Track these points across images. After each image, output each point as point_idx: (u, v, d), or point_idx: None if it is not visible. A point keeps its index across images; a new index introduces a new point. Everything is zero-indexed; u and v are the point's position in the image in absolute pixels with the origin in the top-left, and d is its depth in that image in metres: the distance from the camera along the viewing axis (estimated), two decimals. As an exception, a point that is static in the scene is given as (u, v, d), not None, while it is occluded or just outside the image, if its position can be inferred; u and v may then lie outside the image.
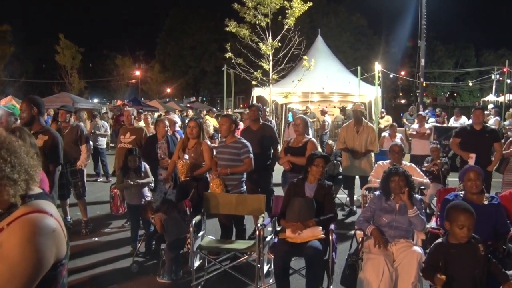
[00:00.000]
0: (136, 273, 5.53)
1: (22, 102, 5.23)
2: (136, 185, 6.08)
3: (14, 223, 1.61)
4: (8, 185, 1.65)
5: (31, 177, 1.75)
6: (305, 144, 6.39)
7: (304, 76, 16.31)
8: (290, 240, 4.68)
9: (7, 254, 1.54)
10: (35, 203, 1.72)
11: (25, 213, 1.64)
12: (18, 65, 39.31)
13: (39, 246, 1.58)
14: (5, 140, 1.72)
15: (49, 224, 1.66)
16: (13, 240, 1.56)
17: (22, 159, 1.73)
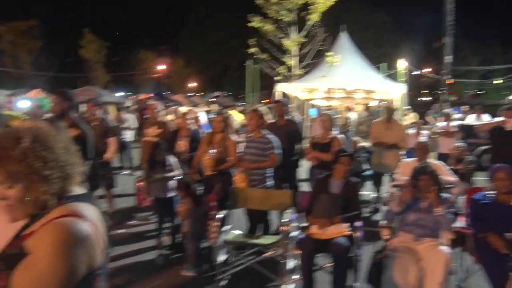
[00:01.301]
0: (161, 265, 5.60)
1: (54, 96, 5.26)
2: (162, 178, 6.13)
3: (45, 226, 1.50)
4: (38, 182, 1.53)
5: (69, 176, 1.62)
6: (331, 140, 6.38)
7: (328, 72, 16.20)
8: (316, 237, 4.68)
9: (36, 263, 1.44)
10: (71, 205, 1.59)
11: (58, 216, 1.52)
12: (45, 59, 39.93)
13: (70, 255, 1.45)
14: (41, 133, 1.60)
15: (82, 230, 1.51)
16: (42, 246, 1.45)
17: (58, 155, 1.59)
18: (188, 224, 5.33)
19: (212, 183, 5.90)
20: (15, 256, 1.47)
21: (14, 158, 1.49)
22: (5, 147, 1.51)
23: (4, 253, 1.52)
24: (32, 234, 1.50)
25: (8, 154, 1.49)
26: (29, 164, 1.51)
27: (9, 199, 1.53)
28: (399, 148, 8.15)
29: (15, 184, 1.52)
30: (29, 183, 1.52)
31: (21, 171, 1.50)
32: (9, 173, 1.50)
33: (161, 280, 5.20)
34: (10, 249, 1.52)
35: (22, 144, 1.51)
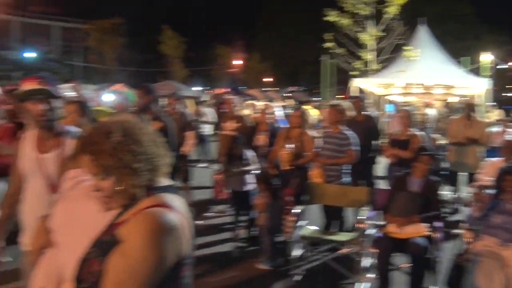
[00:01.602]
0: (236, 258, 5.71)
1: (138, 90, 5.48)
2: (239, 172, 6.25)
3: (137, 216, 1.57)
4: (128, 174, 1.59)
5: (157, 167, 1.66)
6: (410, 137, 6.22)
7: (406, 67, 15.73)
8: (393, 236, 4.59)
9: (128, 251, 1.50)
10: (160, 196, 1.65)
11: (148, 206, 1.58)
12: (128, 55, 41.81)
13: (160, 244, 1.51)
14: (130, 127, 1.65)
15: (171, 220, 1.56)
16: (134, 235, 1.51)
17: (147, 148, 1.64)
18: (265, 217, 5.39)
19: (289, 178, 5.93)
20: (108, 243, 1.57)
21: (105, 152, 1.56)
22: (97, 142, 1.58)
23: (99, 240, 1.62)
24: (124, 223, 1.58)
25: (100, 148, 1.57)
26: (119, 158, 1.57)
27: (103, 190, 1.62)
28: (479, 145, 7.77)
29: (108, 176, 1.60)
30: (120, 176, 1.59)
31: (112, 164, 1.57)
32: (102, 165, 1.57)
33: (236, 272, 5.31)
34: (104, 236, 1.62)
35: (112, 138, 1.58)
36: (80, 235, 1.69)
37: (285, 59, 50.81)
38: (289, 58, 50.58)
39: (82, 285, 1.60)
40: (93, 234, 1.65)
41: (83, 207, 1.77)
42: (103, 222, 1.66)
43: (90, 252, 1.61)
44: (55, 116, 2.87)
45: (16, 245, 3.00)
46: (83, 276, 1.60)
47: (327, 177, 5.76)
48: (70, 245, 1.74)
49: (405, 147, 6.09)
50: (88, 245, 1.63)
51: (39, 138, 2.89)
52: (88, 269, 1.58)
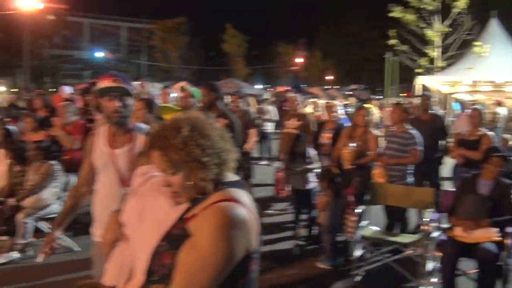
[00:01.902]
0: (297, 256, 5.70)
1: (203, 87, 5.57)
2: (302, 170, 6.23)
3: (207, 210, 1.60)
4: (198, 168, 1.62)
5: (224, 162, 1.69)
6: (479, 137, 5.96)
7: (474, 64, 15.04)
8: (459, 239, 4.42)
9: (199, 244, 1.54)
10: (229, 190, 1.66)
11: (218, 201, 1.61)
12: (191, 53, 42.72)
13: (230, 237, 1.54)
14: (199, 122, 1.68)
15: (240, 214, 1.59)
16: (205, 229, 1.55)
17: (215, 142, 1.66)
18: (326, 216, 5.35)
19: (351, 177, 5.86)
20: (178, 237, 1.61)
21: (175, 147, 1.60)
22: (167, 137, 1.62)
23: (169, 234, 1.67)
24: (194, 217, 1.62)
25: (170, 143, 1.61)
26: (189, 152, 1.60)
27: (172, 185, 1.66)
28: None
29: (177, 171, 1.63)
30: (189, 170, 1.62)
31: (182, 159, 1.61)
32: (173, 160, 1.61)
33: (296, 270, 5.29)
34: (174, 230, 1.66)
35: (182, 133, 1.61)
36: (150, 230, 1.74)
37: (347, 56, 50.11)
38: (351, 56, 49.84)
39: (153, 277, 1.65)
40: (163, 228, 1.69)
41: (153, 202, 1.80)
42: (173, 217, 1.70)
43: (161, 245, 1.66)
44: (128, 113, 2.98)
45: (87, 235, 3.15)
46: (154, 269, 1.65)
47: (390, 177, 5.63)
48: (141, 239, 1.79)
49: (474, 148, 5.84)
50: (158, 239, 1.67)
51: (112, 134, 3.01)
52: (159, 262, 1.64)
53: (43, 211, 5.53)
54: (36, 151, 5.68)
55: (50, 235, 2.97)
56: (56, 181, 5.67)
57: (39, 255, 2.87)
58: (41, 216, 5.56)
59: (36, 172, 5.62)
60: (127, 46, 54.27)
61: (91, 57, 46.20)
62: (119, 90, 2.89)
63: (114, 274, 1.89)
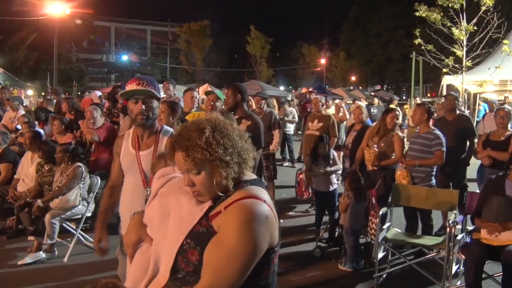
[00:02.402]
0: (318, 258, 5.67)
1: (228, 89, 5.60)
2: (324, 172, 6.21)
3: (230, 207, 1.67)
4: (220, 167, 1.69)
5: (244, 161, 1.77)
6: (508, 138, 5.83)
7: (502, 63, 14.72)
8: (485, 242, 4.34)
9: (225, 239, 1.61)
10: (250, 188, 1.74)
11: (240, 198, 1.68)
12: (214, 55, 42.96)
13: (254, 232, 1.61)
14: (220, 123, 1.77)
15: (263, 210, 1.67)
16: (230, 225, 1.62)
17: (235, 142, 1.75)
18: (348, 218, 5.32)
19: (374, 179, 5.81)
20: (203, 234, 1.69)
21: (200, 147, 1.68)
22: (191, 137, 1.70)
23: (194, 231, 1.73)
24: (218, 215, 1.70)
25: (195, 143, 1.69)
26: (212, 151, 1.68)
27: (196, 185, 1.74)
28: None
29: (201, 171, 1.71)
30: (212, 169, 1.70)
31: (206, 158, 1.68)
32: (196, 160, 1.69)
33: (318, 272, 5.26)
34: (199, 228, 1.73)
35: (205, 134, 1.70)
36: (174, 229, 1.79)
37: (371, 57, 49.68)
38: (376, 56, 49.39)
39: (178, 275, 1.73)
40: (187, 226, 1.75)
41: (176, 201, 1.86)
42: (197, 215, 1.76)
43: (186, 243, 1.72)
44: (153, 115, 3.07)
45: (112, 235, 3.21)
46: (180, 267, 1.73)
47: (414, 178, 5.56)
48: (165, 238, 1.83)
49: (503, 149, 5.71)
50: (183, 237, 1.74)
51: (137, 136, 3.12)
52: (185, 259, 1.72)
53: (69, 212, 5.65)
54: (63, 153, 5.81)
55: (97, 236, 3.13)
56: (82, 182, 5.78)
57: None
58: (67, 217, 5.68)
59: (63, 174, 5.74)
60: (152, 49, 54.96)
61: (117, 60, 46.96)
62: (144, 93, 2.98)
63: (137, 276, 1.91)
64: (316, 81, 46.83)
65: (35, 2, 26.09)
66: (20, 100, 11.10)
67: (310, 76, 50.78)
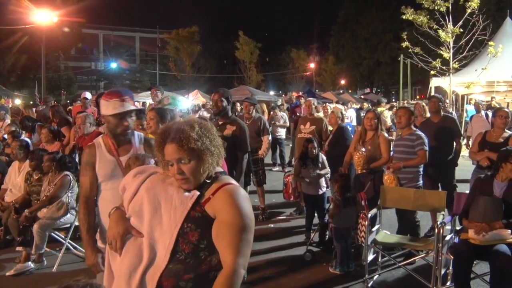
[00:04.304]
0: (309, 261, 5.66)
1: (214, 94, 5.59)
2: (314, 176, 6.21)
3: (219, 193, 2.01)
4: (208, 155, 2.02)
5: (220, 153, 2.11)
6: (506, 140, 5.78)
7: (489, 64, 14.88)
8: (473, 242, 4.37)
9: (226, 219, 1.94)
10: (225, 177, 2.13)
11: (224, 185, 2.04)
12: (204, 61, 42.93)
13: (247, 208, 2.00)
14: (203, 122, 2.11)
15: (243, 192, 2.06)
16: (227, 207, 1.96)
17: (215, 137, 2.10)
18: (338, 221, 5.34)
19: (363, 181, 5.83)
20: (200, 218, 2.00)
21: (193, 138, 2.00)
22: (185, 131, 2.01)
23: (191, 216, 2.00)
24: (209, 200, 2.01)
25: (188, 135, 2.00)
26: (202, 142, 2.01)
27: (185, 173, 2.00)
28: None
29: (192, 160, 2.00)
30: (201, 157, 2.01)
31: (198, 148, 2.00)
32: (189, 150, 1.98)
33: (309, 275, 5.26)
34: (194, 213, 2.00)
35: (195, 128, 2.03)
36: (168, 216, 2.01)
37: (360, 60, 49.96)
38: (365, 60, 49.68)
39: (178, 256, 1.98)
40: (180, 213, 2.00)
41: (164, 192, 2.07)
42: (188, 202, 2.02)
43: (187, 227, 1.99)
44: (130, 128, 3.20)
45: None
46: (181, 248, 1.98)
47: (401, 179, 5.59)
48: (160, 226, 2.03)
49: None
50: (181, 222, 1.99)
51: (113, 143, 3.18)
52: (187, 241, 1.98)
53: (57, 222, 5.61)
54: (50, 161, 5.77)
55: (92, 252, 3.02)
56: (71, 191, 5.75)
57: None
58: (56, 227, 5.64)
59: (51, 183, 5.71)
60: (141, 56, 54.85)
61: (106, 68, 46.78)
62: (133, 111, 3.12)
63: (133, 263, 2.01)
64: (305, 86, 46.96)
65: (22, 11, 25.98)
66: (6, 109, 11.02)
67: (299, 80, 50.92)
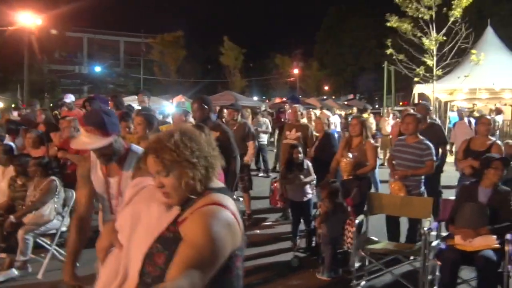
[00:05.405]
0: (296, 267, 5.67)
1: (193, 102, 5.61)
2: (299, 182, 6.23)
3: (196, 213, 1.79)
4: (187, 168, 1.81)
5: (211, 165, 1.89)
6: (489, 146, 5.84)
7: (471, 71, 15.14)
8: (459, 248, 4.42)
9: (193, 240, 1.71)
10: (215, 195, 1.87)
11: (205, 205, 1.81)
12: (188, 67, 42.90)
13: (218, 234, 1.72)
14: (188, 130, 1.93)
15: (225, 216, 1.79)
16: (195, 228, 1.73)
17: (202, 146, 1.87)
18: (325, 227, 5.36)
19: (349, 188, 5.87)
20: (171, 239, 1.80)
21: (169, 148, 1.80)
22: (161, 140, 1.83)
23: (162, 236, 1.83)
24: (185, 221, 1.80)
25: (164, 145, 1.81)
26: (180, 153, 1.80)
27: (165, 187, 1.83)
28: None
29: (170, 173, 1.81)
30: (181, 170, 1.81)
31: (174, 159, 1.80)
32: (165, 161, 1.80)
33: (296, 282, 5.27)
34: (167, 233, 1.83)
35: (173, 137, 1.83)
36: (144, 234, 1.88)
37: (344, 66, 50.35)
38: (349, 66, 50.09)
39: (146, 278, 1.82)
40: (156, 232, 1.84)
41: (146, 208, 1.94)
42: (165, 221, 1.85)
43: (154, 247, 1.82)
44: (115, 151, 2.83)
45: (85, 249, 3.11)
46: (147, 270, 1.82)
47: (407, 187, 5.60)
48: (134, 243, 1.92)
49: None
50: (152, 241, 1.83)
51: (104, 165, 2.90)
52: (153, 263, 1.81)
53: (43, 227, 5.52)
54: (36, 166, 5.69)
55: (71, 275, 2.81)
56: (57, 196, 5.68)
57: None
58: (42, 233, 5.55)
59: (37, 188, 5.63)
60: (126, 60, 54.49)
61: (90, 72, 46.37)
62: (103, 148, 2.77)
63: (108, 279, 1.96)
64: (289, 91, 47.11)
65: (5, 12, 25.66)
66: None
67: (283, 86, 51.11)
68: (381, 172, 9.09)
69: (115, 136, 2.81)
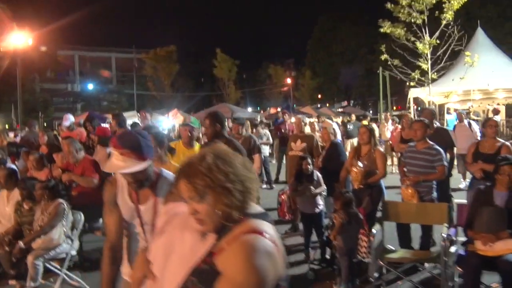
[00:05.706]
0: (312, 280, 5.59)
1: (206, 119, 5.54)
2: (309, 193, 6.14)
3: (233, 244, 1.65)
4: (222, 194, 1.67)
5: (248, 190, 1.73)
6: (498, 149, 5.81)
7: (465, 73, 15.22)
8: (480, 253, 4.36)
9: (234, 277, 1.58)
10: (252, 222, 1.72)
11: (242, 233, 1.67)
12: (182, 80, 42.94)
13: (259, 268, 1.59)
14: (222, 151, 1.77)
15: (265, 246, 1.64)
16: (235, 262, 1.60)
17: (237, 170, 1.72)
18: (341, 239, 5.28)
19: (361, 197, 5.80)
20: (207, 271, 1.66)
21: (201, 172, 1.67)
22: (193, 164, 1.71)
23: (197, 268, 1.70)
24: (221, 251, 1.66)
25: (196, 169, 1.69)
26: (213, 178, 1.67)
27: (199, 213, 1.71)
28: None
29: (203, 199, 1.68)
30: (214, 196, 1.68)
31: (207, 185, 1.67)
32: (198, 187, 1.67)
33: (313, 294, 5.22)
34: (202, 265, 1.70)
35: (206, 160, 1.70)
36: (177, 265, 1.76)
37: (337, 74, 50.59)
38: (342, 73, 50.33)
39: None
40: (190, 263, 1.72)
41: (179, 237, 1.83)
42: (200, 251, 1.73)
43: (189, 280, 1.70)
44: (148, 176, 2.68)
45: (96, 272, 3.00)
46: None
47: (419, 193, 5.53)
48: (167, 274, 1.81)
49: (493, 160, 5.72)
50: (186, 273, 1.71)
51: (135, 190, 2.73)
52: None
53: (53, 252, 5.40)
54: (42, 190, 5.58)
55: None
56: (65, 219, 5.57)
57: None
58: (51, 257, 5.43)
59: (44, 212, 5.52)
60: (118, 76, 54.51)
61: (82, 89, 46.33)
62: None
63: None
64: (284, 101, 47.25)
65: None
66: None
67: (277, 96, 51.23)
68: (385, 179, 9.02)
69: (150, 161, 2.66)
